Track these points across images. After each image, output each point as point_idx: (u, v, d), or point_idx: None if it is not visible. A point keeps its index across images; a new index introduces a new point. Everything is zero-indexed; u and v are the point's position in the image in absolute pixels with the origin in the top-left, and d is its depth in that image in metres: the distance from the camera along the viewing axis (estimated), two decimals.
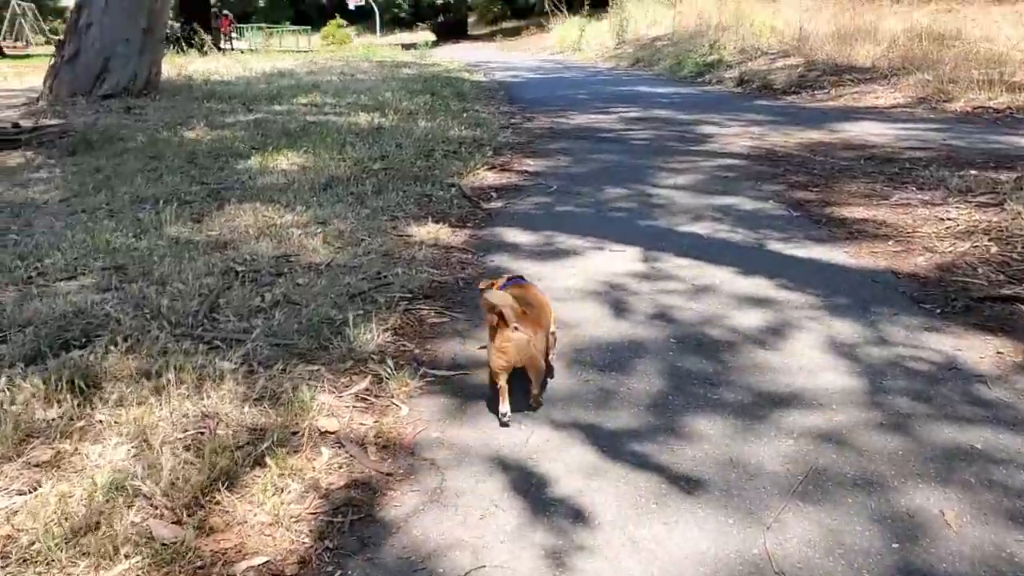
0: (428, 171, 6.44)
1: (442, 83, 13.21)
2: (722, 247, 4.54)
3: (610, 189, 6.02)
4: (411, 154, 6.97)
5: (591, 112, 10.53)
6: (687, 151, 7.52)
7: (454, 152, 7.17)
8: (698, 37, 18.53)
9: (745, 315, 3.50)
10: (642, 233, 4.84)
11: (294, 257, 4.23)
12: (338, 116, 9.23)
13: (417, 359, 3.09)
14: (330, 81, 13.47)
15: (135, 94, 9.92)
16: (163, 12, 10.13)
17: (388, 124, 8.58)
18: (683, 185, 6.11)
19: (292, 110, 9.67)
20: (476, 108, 10.51)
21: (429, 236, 4.71)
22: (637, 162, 6.99)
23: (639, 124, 9.35)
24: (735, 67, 15.02)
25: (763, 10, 18.27)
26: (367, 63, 18.54)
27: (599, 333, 3.33)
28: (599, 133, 8.73)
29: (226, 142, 7.58)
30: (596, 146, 7.86)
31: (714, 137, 8.25)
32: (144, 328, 3.25)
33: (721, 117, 9.70)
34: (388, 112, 9.31)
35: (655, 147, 7.78)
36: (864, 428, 2.57)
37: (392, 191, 5.69)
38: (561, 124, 9.43)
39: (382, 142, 7.50)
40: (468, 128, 8.54)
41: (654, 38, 21.93)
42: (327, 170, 6.38)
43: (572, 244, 4.63)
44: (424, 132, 8.02)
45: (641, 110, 10.64)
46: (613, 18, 25.03)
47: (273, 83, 12.89)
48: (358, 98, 10.66)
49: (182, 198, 5.60)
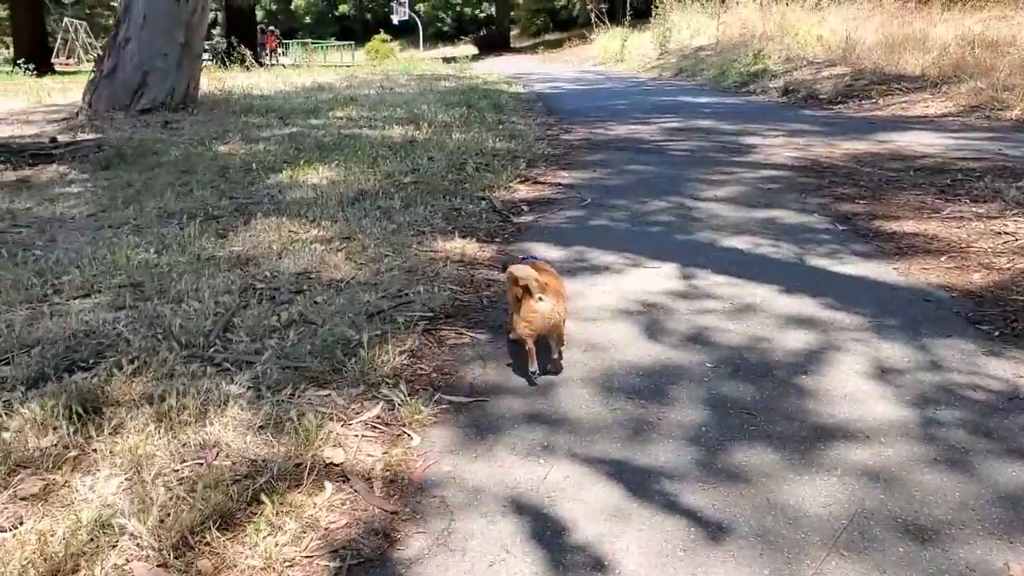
0: (459, 184, 6.29)
1: (480, 95, 13.09)
2: (764, 263, 4.31)
3: (647, 202, 5.81)
4: (442, 167, 6.83)
5: (630, 123, 10.32)
6: (729, 162, 7.27)
7: (486, 165, 7.01)
8: (742, 47, 18.21)
9: (787, 337, 3.27)
10: (679, 248, 4.62)
11: (315, 274, 4.09)
12: (372, 129, 9.14)
13: (433, 384, 2.92)
14: (368, 95, 13.43)
15: (173, 108, 9.94)
16: (200, 27, 10.15)
17: (422, 137, 8.46)
18: (724, 197, 5.88)
19: (327, 123, 9.61)
20: (512, 120, 10.36)
21: (455, 252, 4.54)
22: (676, 173, 6.77)
23: (680, 135, 9.12)
24: (780, 76, 14.69)
25: (808, 19, 17.89)
26: (406, 77, 18.53)
27: (631, 357, 3.13)
28: (638, 144, 8.51)
29: (259, 156, 7.51)
30: (634, 157, 7.65)
31: (757, 148, 7.99)
32: (153, 349, 3.12)
33: (765, 127, 9.43)
34: (423, 125, 9.19)
35: (696, 158, 7.55)
36: (917, 465, 2.34)
37: (420, 205, 5.55)
38: (599, 135, 9.23)
39: (414, 155, 7.37)
40: (503, 140, 8.39)
41: (697, 48, 21.63)
42: (357, 184, 6.26)
43: (605, 260, 4.42)
44: (457, 145, 7.88)
45: (682, 120, 10.40)
46: (656, 28, 24.77)
47: (311, 97, 12.89)
48: (394, 111, 10.57)
49: (209, 213, 5.51)
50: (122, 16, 9.78)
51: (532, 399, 2.80)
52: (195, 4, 9.83)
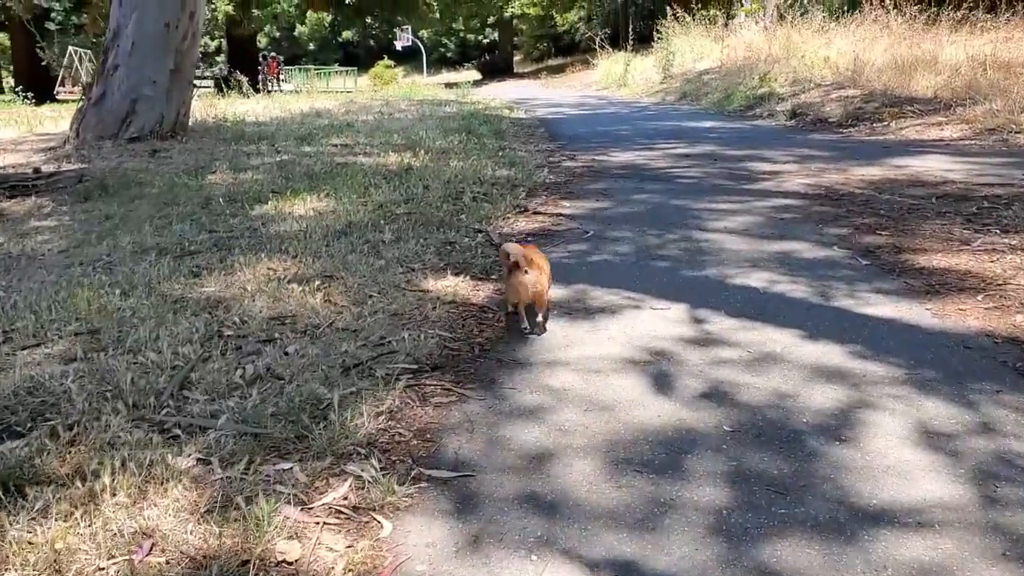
0: (454, 215, 5.95)
1: (480, 121, 12.79)
2: (782, 304, 3.93)
3: (653, 234, 5.44)
4: (438, 197, 6.49)
5: (634, 149, 9.99)
6: (738, 190, 6.92)
7: (484, 194, 6.67)
8: (747, 70, 17.93)
9: (814, 393, 2.89)
10: (689, 287, 4.25)
11: (290, 319, 3.72)
12: (367, 156, 8.82)
13: (412, 454, 2.54)
14: (365, 121, 13.14)
15: (162, 136, 9.64)
16: (190, 53, 9.86)
17: (418, 164, 8.13)
18: (735, 229, 5.51)
19: (321, 151, 9.30)
20: (513, 146, 10.04)
21: (446, 291, 4.18)
22: (683, 203, 6.42)
23: (685, 161, 8.78)
24: (787, 100, 14.39)
25: (815, 41, 17.63)
26: (407, 103, 18.28)
27: (639, 418, 2.75)
28: (642, 171, 8.17)
29: (245, 186, 7.18)
30: (638, 186, 7.30)
31: (767, 174, 7.64)
32: (98, 411, 2.76)
33: (774, 152, 9.09)
34: (420, 152, 8.87)
35: (703, 186, 7.20)
36: (981, 561, 1.95)
37: (412, 239, 5.19)
38: (602, 162, 8.90)
39: (409, 184, 7.04)
40: (502, 168, 8.06)
41: (701, 72, 21.38)
42: (346, 215, 5.91)
43: (608, 300, 4.05)
44: (455, 173, 7.54)
45: (688, 146, 10.07)
46: (659, 53, 24.57)
47: (307, 124, 12.60)
48: (390, 137, 10.26)
49: (186, 248, 5.17)
50: (110, 42, 9.51)
51: (525, 474, 2.42)
52: (185, 30, 9.55)
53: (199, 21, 9.81)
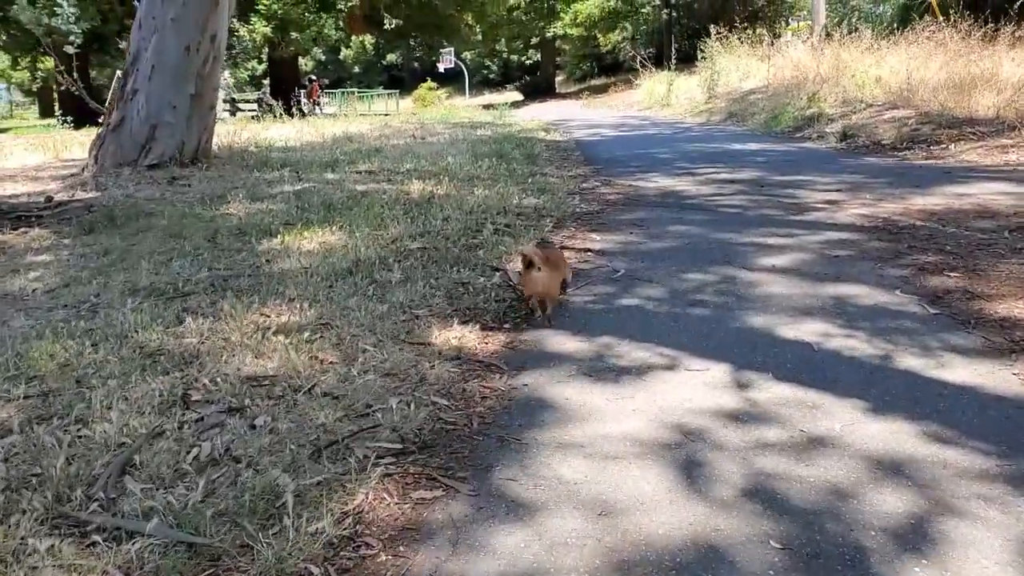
0: (472, 251, 5.47)
1: (514, 144, 12.34)
2: (840, 365, 3.36)
3: (691, 274, 4.90)
4: (457, 229, 6.03)
5: (674, 174, 9.44)
6: (786, 221, 6.34)
7: (507, 226, 6.19)
8: (795, 89, 17.28)
9: (883, 494, 2.34)
10: (731, 341, 3.71)
11: (268, 380, 3.26)
12: (391, 184, 8.40)
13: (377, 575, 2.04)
14: (396, 146, 12.77)
15: (182, 164, 9.34)
16: (212, 77, 9.56)
17: (442, 193, 7.68)
18: (783, 268, 4.94)
19: (344, 179, 8.90)
20: (544, 171, 9.56)
21: (451, 344, 3.69)
22: (725, 237, 5.86)
23: (728, 187, 8.21)
24: (837, 120, 13.72)
25: (865, 59, 16.92)
26: (443, 125, 17.93)
27: (663, 527, 2.22)
28: (681, 199, 7.62)
29: (258, 217, 6.79)
30: (677, 216, 6.76)
31: (818, 204, 7.04)
32: (12, 505, 2.31)
33: (824, 179, 8.47)
34: (445, 179, 8.43)
35: (748, 217, 6.63)
36: None
37: (422, 279, 4.72)
38: (639, 189, 8.36)
39: (429, 215, 6.59)
40: (530, 195, 7.58)
41: (747, 91, 20.75)
42: (355, 252, 5.46)
43: (636, 358, 3.52)
44: (479, 202, 7.08)
45: (731, 171, 9.49)
46: (703, 72, 23.98)
47: (336, 149, 12.26)
48: (417, 164, 9.84)
49: (180, 289, 4.77)
50: (130, 66, 9.25)
51: None
52: (206, 53, 9.26)
53: (221, 44, 9.51)
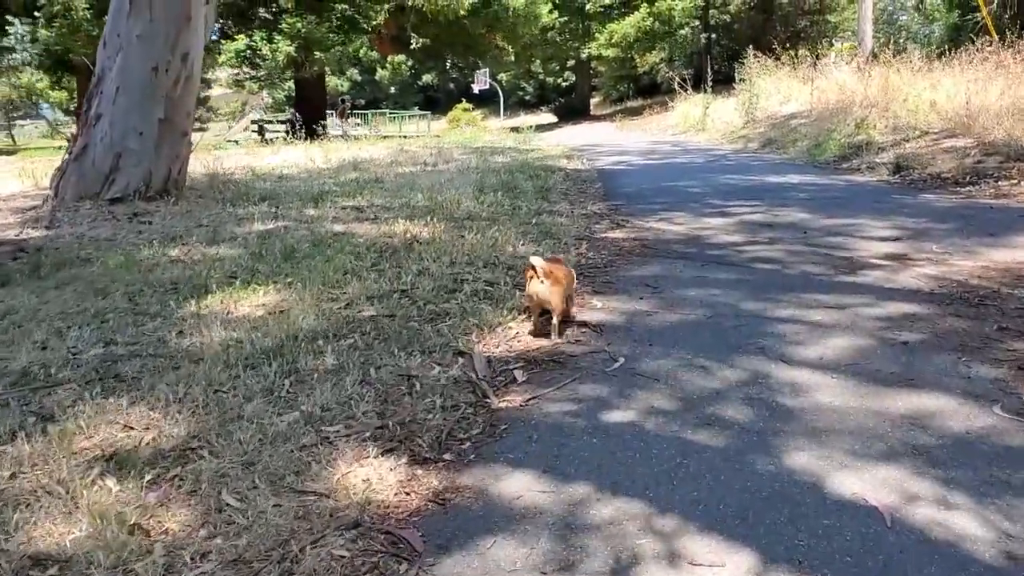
0: (438, 321, 4.35)
1: (529, 174, 11.23)
2: (933, 562, 2.17)
3: (709, 367, 3.71)
4: (429, 289, 4.93)
5: (703, 213, 8.25)
6: (835, 285, 5.13)
7: (490, 285, 5.07)
8: (840, 114, 15.99)
9: None
10: (758, 505, 2.52)
11: (60, 563, 2.15)
12: (374, 224, 7.32)
13: None
14: (401, 174, 11.73)
15: (149, 197, 8.35)
16: (185, 100, 8.56)
17: (428, 236, 6.60)
18: (832, 362, 3.74)
19: (324, 216, 7.84)
20: (555, 208, 8.43)
21: (357, 493, 2.56)
22: (758, 307, 4.67)
23: (764, 233, 7.00)
24: (888, 150, 12.43)
25: (917, 82, 15.59)
26: (461, 150, 16.90)
27: None
28: (708, 249, 6.43)
29: (203, 267, 5.74)
30: (700, 274, 5.58)
31: (874, 259, 5.82)
32: None
33: (879, 223, 7.23)
34: (437, 219, 7.34)
35: (787, 277, 5.42)
36: None
37: (358, 369, 3.61)
38: (659, 233, 7.18)
39: (403, 267, 5.52)
40: (530, 241, 6.45)
41: (788, 116, 19.48)
42: (297, 320, 4.38)
43: (615, 534, 2.36)
44: (467, 250, 5.99)
45: (768, 209, 8.27)
46: (741, 95, 22.75)
47: (334, 178, 11.24)
48: (413, 198, 8.76)
49: (54, 375, 3.75)
50: (94, 88, 8.31)
51: None
52: (177, 74, 8.27)
53: (195, 64, 8.52)
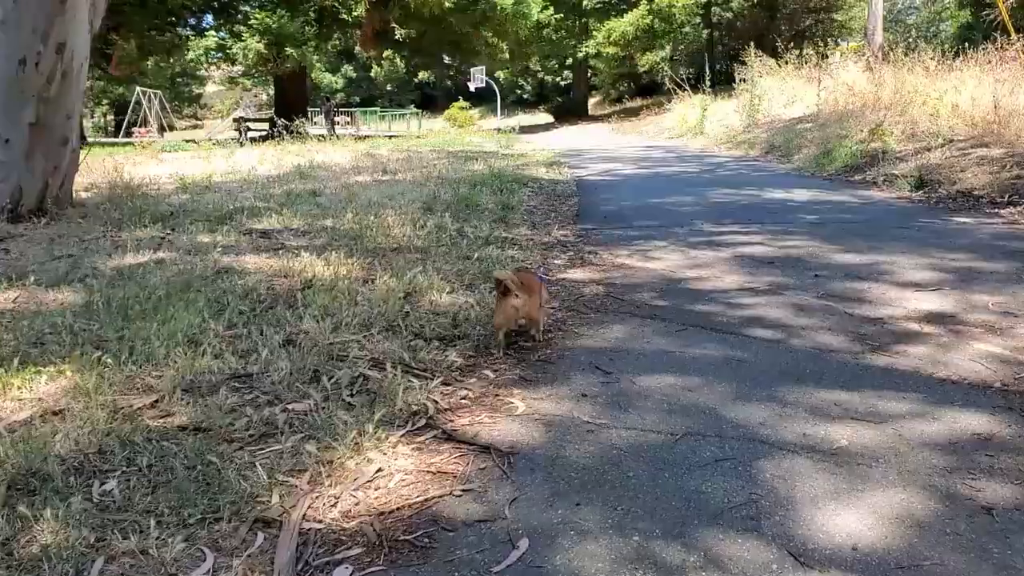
0: (263, 444, 2.84)
1: (497, 187, 9.74)
2: None
3: (668, 565, 2.20)
4: (282, 375, 3.44)
5: (690, 242, 6.74)
6: (862, 372, 3.61)
7: (375, 368, 3.57)
8: (850, 119, 14.49)
9: None
10: None
11: None
12: (273, 256, 5.84)
13: None
14: (347, 185, 10.23)
15: (18, 216, 6.85)
16: (63, 101, 7.03)
17: (332, 277, 5.11)
18: (875, 562, 2.22)
19: (219, 243, 6.34)
20: (512, 235, 6.93)
21: None
22: (753, 415, 3.14)
23: (764, 274, 5.50)
24: (907, 160, 10.92)
25: (936, 84, 14.08)
26: (435, 155, 15.40)
27: None
28: (689, 300, 4.91)
29: (9, 327, 4.23)
30: (673, 346, 4.06)
31: (911, 319, 4.32)
32: None
33: (909, 259, 5.74)
34: (355, 251, 5.88)
35: (793, 355, 3.89)
36: None
37: (73, 558, 2.11)
38: (631, 273, 5.67)
39: (268, 331, 4.02)
40: (461, 288, 4.96)
41: (793, 120, 17.97)
42: (62, 435, 2.88)
43: None
44: (370, 301, 4.51)
45: (770, 238, 6.77)
46: (742, 96, 21.23)
47: (267, 189, 9.75)
48: (341, 219, 7.28)
49: None
50: None
51: None
52: (51, 69, 6.76)
53: (75, 57, 7.00)
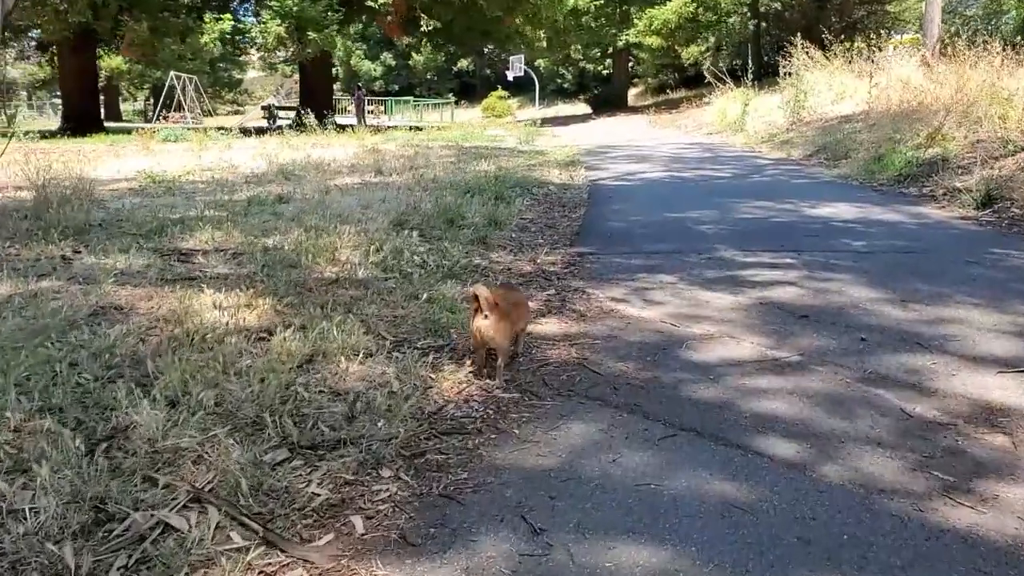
0: None
1: (495, 193, 8.51)
2: None
3: None
4: (51, 514, 2.25)
5: (703, 278, 5.45)
6: (930, 537, 2.34)
7: (194, 502, 2.37)
8: (904, 120, 12.98)
9: None
10: None
11: None
12: (176, 290, 4.67)
13: None
14: (325, 189, 9.07)
15: None
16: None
17: (226, 326, 3.93)
18: None
19: (123, 269, 5.19)
20: (489, 260, 5.72)
21: None
22: None
23: (793, 334, 4.20)
24: (972, 171, 9.45)
25: (1004, 83, 12.50)
26: (446, 151, 14.22)
27: None
28: (687, 380, 3.62)
29: None
30: (651, 466, 2.81)
31: (995, 426, 3.03)
32: None
33: (983, 314, 4.43)
34: (282, 286, 4.70)
35: (823, 496, 2.61)
36: None
37: None
38: (619, 328, 4.40)
39: (90, 420, 2.90)
40: (383, 351, 3.74)
41: (841, 118, 16.44)
42: None
43: None
44: (247, 377, 3.32)
45: (806, 273, 5.46)
46: (786, 90, 19.66)
47: (230, 194, 8.62)
48: (288, 236, 6.12)
49: None
50: None
51: None
52: None
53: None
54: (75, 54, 25.73)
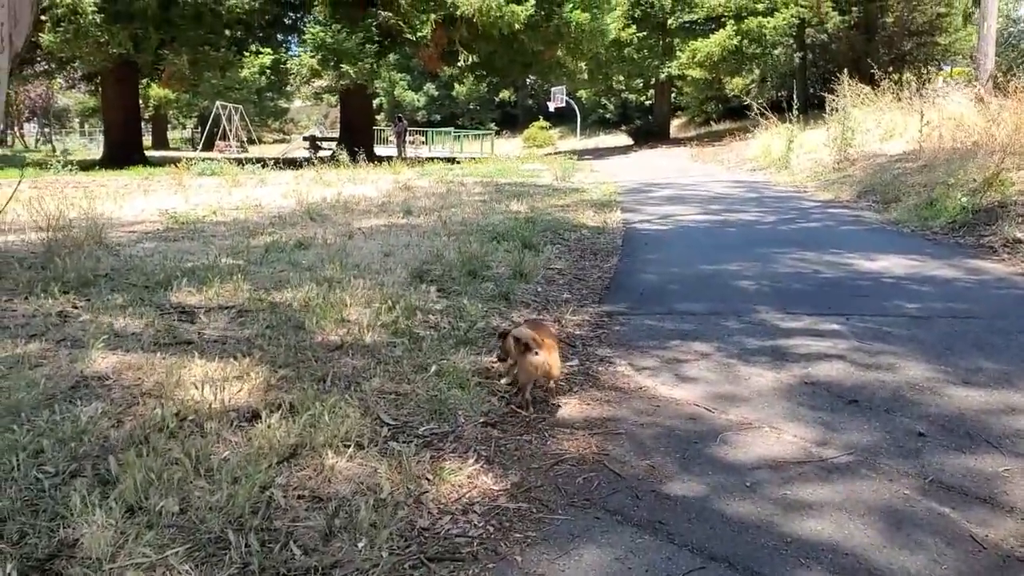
0: None
1: (523, 239, 8.13)
2: None
3: None
4: None
5: (744, 348, 4.98)
6: None
7: None
8: (958, 161, 12.38)
9: None
10: None
11: None
12: (167, 356, 4.35)
13: None
14: (348, 233, 8.77)
15: None
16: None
17: (210, 407, 3.58)
18: None
19: (116, 331, 4.89)
20: (510, 321, 5.31)
21: None
22: None
23: (842, 427, 3.74)
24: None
25: None
26: (480, 187, 13.91)
27: None
28: (720, 487, 3.18)
29: None
30: None
31: None
32: None
33: None
34: (281, 352, 4.36)
35: None
36: None
37: None
38: (647, 411, 3.97)
39: (34, 535, 2.52)
40: (379, 441, 3.36)
41: (892, 158, 15.82)
42: None
43: None
44: (221, 475, 2.96)
45: (855, 348, 4.96)
46: (833, 126, 19.06)
47: (248, 239, 8.36)
48: (300, 290, 5.81)
49: None
50: None
51: None
52: None
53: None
54: (118, 84, 26.04)
